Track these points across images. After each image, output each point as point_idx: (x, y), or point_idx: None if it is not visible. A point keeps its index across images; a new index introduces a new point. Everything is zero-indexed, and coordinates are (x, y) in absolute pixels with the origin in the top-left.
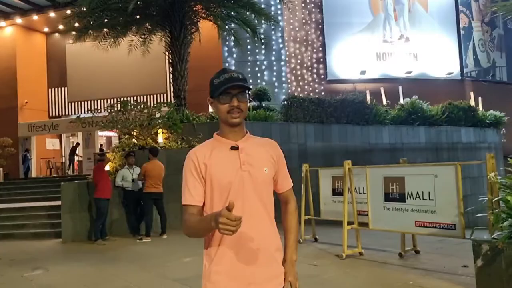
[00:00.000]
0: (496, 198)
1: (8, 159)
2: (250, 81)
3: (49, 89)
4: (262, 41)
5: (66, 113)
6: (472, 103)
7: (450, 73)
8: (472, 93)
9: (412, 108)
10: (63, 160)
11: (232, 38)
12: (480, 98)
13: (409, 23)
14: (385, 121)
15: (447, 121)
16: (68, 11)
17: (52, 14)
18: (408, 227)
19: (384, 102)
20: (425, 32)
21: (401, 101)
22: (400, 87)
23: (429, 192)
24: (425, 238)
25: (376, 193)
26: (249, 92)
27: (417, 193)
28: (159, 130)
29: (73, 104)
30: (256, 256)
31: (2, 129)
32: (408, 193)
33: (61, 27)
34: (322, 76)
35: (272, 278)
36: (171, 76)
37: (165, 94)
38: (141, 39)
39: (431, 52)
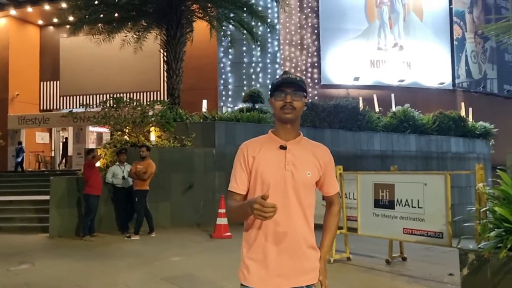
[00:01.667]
0: (484, 208)
1: None
2: (244, 82)
3: (41, 82)
4: (259, 42)
5: (58, 107)
6: (463, 113)
7: (442, 83)
8: (463, 104)
9: (403, 116)
10: (53, 154)
11: (228, 39)
12: (470, 109)
13: (403, 32)
14: (377, 128)
15: (437, 130)
16: (64, 4)
17: (47, 7)
18: (396, 234)
19: (377, 109)
20: (419, 41)
21: (393, 108)
22: (392, 95)
23: (418, 200)
24: (412, 246)
25: (366, 199)
26: (305, 93)
27: (407, 200)
28: (152, 128)
29: (65, 98)
30: (288, 250)
31: None
32: (397, 200)
33: (55, 20)
34: (316, 81)
35: (302, 273)
36: (165, 74)
37: (158, 92)
38: (135, 36)
39: (424, 62)
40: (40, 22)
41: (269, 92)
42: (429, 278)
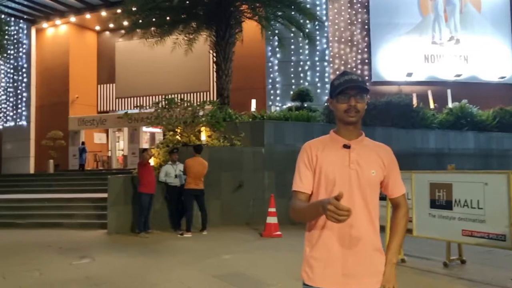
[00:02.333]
0: None
1: (58, 151)
2: (293, 81)
3: (98, 85)
4: (307, 40)
5: (114, 108)
6: None
7: (502, 77)
8: None
9: (461, 112)
10: (110, 154)
11: (276, 38)
12: None
13: (460, 25)
14: (432, 125)
15: (498, 127)
16: (119, 10)
17: (103, 13)
18: (455, 235)
19: (431, 106)
20: (477, 34)
21: (450, 105)
22: (448, 91)
23: (478, 201)
24: (472, 248)
25: (422, 199)
26: (368, 95)
27: (465, 201)
28: (202, 128)
29: (120, 100)
30: (354, 251)
31: (53, 122)
32: (455, 201)
33: (111, 25)
34: (367, 78)
35: (367, 275)
36: (215, 74)
37: (208, 92)
38: (186, 38)
39: (483, 55)
40: (97, 27)
41: (330, 93)
42: (490, 283)
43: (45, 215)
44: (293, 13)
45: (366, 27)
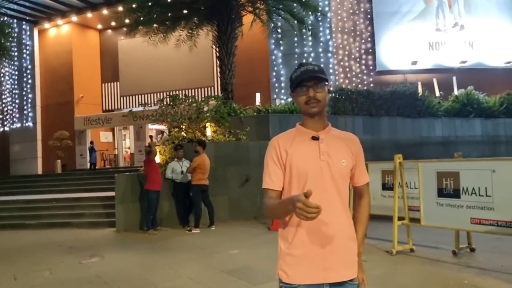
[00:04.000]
0: None
1: (65, 151)
2: None
3: (103, 84)
4: (310, 32)
5: (119, 107)
6: None
7: (509, 62)
8: None
9: (467, 99)
10: (116, 152)
11: (279, 30)
12: None
13: (464, 10)
14: (437, 113)
15: (505, 113)
16: (120, 8)
17: (105, 11)
18: (463, 224)
19: (437, 94)
20: (482, 19)
21: (455, 92)
22: (454, 78)
23: (486, 188)
24: (481, 236)
25: (429, 189)
26: (327, 82)
27: (473, 189)
28: (207, 124)
29: (125, 98)
30: (331, 243)
31: (59, 122)
32: (463, 189)
33: (113, 23)
34: (371, 67)
35: (347, 266)
36: (218, 69)
37: (212, 88)
38: (188, 34)
39: (488, 40)
40: (99, 26)
41: (290, 87)
42: (500, 270)
43: (54, 215)
44: (294, 4)
45: (369, 16)
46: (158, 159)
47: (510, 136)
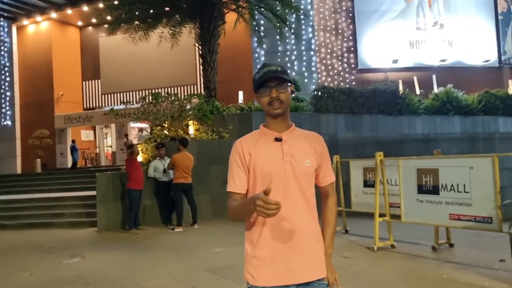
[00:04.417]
0: None
1: (45, 150)
2: None
3: (83, 82)
4: (292, 31)
5: (100, 105)
6: (511, 91)
7: (487, 61)
8: (510, 81)
9: (446, 97)
10: (97, 151)
11: (262, 28)
12: None
13: (443, 9)
14: (418, 111)
15: (483, 111)
16: (101, 5)
17: (85, 8)
18: (442, 220)
19: (418, 92)
20: (461, 18)
21: (435, 90)
22: (434, 76)
23: (464, 185)
24: (460, 231)
25: (409, 185)
26: (289, 83)
27: (452, 185)
28: (190, 122)
29: (106, 96)
30: (296, 244)
31: (39, 121)
32: (442, 185)
33: (94, 20)
34: (353, 66)
35: (313, 267)
36: (201, 67)
37: (195, 86)
38: (171, 31)
39: (467, 39)
40: (80, 23)
41: (253, 88)
42: (478, 265)
43: (34, 215)
44: (277, 3)
45: (351, 14)
46: (140, 157)
47: (488, 133)
